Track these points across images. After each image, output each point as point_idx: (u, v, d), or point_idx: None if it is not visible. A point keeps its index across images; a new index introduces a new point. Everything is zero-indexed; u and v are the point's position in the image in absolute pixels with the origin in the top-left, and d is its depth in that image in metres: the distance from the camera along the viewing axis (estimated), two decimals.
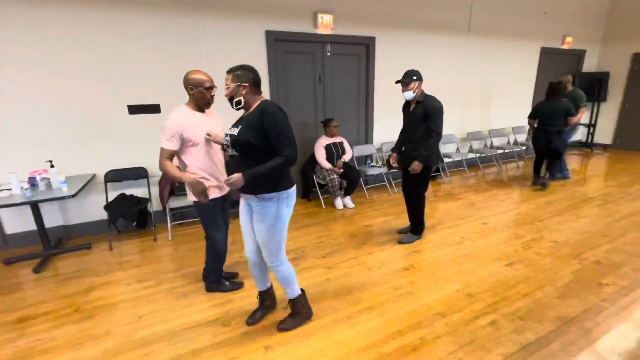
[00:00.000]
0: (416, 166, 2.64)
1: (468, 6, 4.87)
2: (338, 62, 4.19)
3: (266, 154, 1.60)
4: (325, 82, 4.18)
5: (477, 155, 5.39)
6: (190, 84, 1.90)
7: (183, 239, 3.19)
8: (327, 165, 3.76)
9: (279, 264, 1.79)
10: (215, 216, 2.13)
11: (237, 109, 1.72)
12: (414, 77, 2.59)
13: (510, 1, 5.24)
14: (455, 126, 5.35)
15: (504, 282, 2.33)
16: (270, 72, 3.75)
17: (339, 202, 3.89)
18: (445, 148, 5.24)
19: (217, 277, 2.29)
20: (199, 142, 1.94)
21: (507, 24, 5.35)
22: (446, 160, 4.92)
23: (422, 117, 2.60)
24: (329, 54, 4.09)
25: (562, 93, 4.18)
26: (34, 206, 2.75)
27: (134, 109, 3.25)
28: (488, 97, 5.62)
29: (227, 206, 2.25)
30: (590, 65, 6.82)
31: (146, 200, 3.26)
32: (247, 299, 2.22)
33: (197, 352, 1.77)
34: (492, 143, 5.74)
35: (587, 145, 7.01)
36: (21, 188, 2.59)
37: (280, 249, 1.77)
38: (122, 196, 3.19)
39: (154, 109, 3.34)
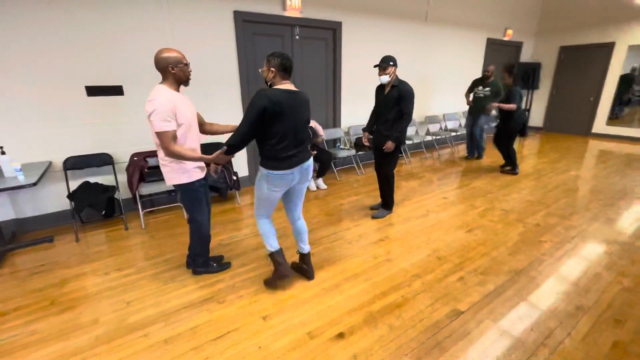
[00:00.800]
0: (390, 145, 2.85)
1: None
2: (306, 46, 4.23)
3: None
4: (294, 66, 4.19)
5: (434, 137, 5.84)
6: (169, 63, 1.80)
7: (157, 226, 3.10)
8: None
9: (258, 217, 2.09)
10: (200, 199, 2.12)
11: None
12: (391, 63, 2.77)
13: None
14: (415, 110, 5.71)
15: (466, 245, 2.67)
16: (240, 54, 3.68)
17: (312, 184, 4.01)
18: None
19: (205, 260, 2.31)
20: (185, 122, 1.89)
21: (459, 14, 5.76)
22: (407, 142, 5.26)
23: (396, 100, 2.80)
24: (297, 37, 4.11)
25: (485, 82, 4.86)
26: None
27: (93, 91, 3.01)
28: (442, 82, 6.06)
29: (207, 188, 2.24)
30: (526, 56, 7.62)
31: (114, 188, 3.09)
32: (236, 277, 2.28)
33: (196, 329, 1.81)
34: (446, 126, 6.24)
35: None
36: None
37: (259, 207, 2.04)
38: (87, 184, 2.98)
39: (116, 90, 3.13)
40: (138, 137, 3.28)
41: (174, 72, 1.84)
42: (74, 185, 3.02)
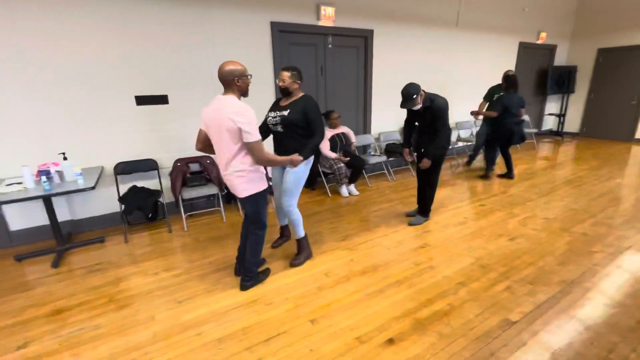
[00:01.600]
0: (426, 163, 2.86)
1: (457, 2, 5.12)
2: (338, 54, 4.30)
3: (305, 130, 2.26)
4: (327, 74, 4.28)
5: (465, 144, 5.73)
6: (235, 75, 1.88)
7: (199, 229, 3.22)
8: (333, 155, 3.89)
9: (294, 207, 2.41)
10: (265, 204, 2.16)
11: (284, 96, 2.36)
12: (414, 96, 2.68)
13: None
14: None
15: (509, 254, 2.59)
16: (275, 64, 3.79)
17: (344, 190, 4.04)
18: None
19: (257, 269, 2.31)
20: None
21: (491, 18, 5.67)
22: None
23: (431, 119, 2.79)
24: (330, 45, 4.19)
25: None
26: (47, 200, 2.67)
27: (141, 100, 3.20)
28: (472, 88, 5.95)
29: None
30: (560, 59, 7.37)
31: (159, 192, 3.24)
32: (278, 280, 2.33)
33: (247, 330, 1.86)
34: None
35: (558, 134, 7.61)
36: (37, 181, 2.51)
37: (296, 195, 2.39)
38: (135, 188, 3.15)
39: (162, 99, 3.30)
40: (181, 144, 3.44)
41: (239, 85, 1.91)
42: (122, 189, 3.20)
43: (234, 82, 1.90)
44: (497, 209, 3.50)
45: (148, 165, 3.25)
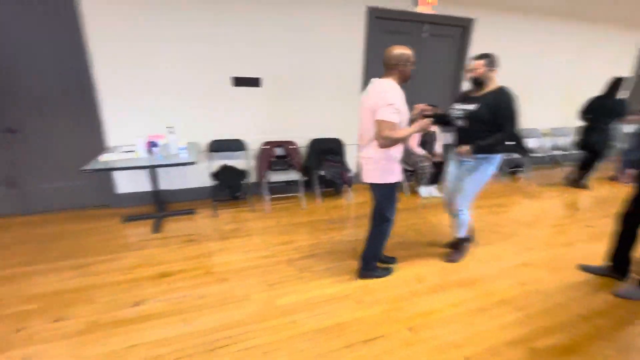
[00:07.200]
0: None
1: None
2: (432, 44, 4.00)
3: (490, 126, 2.03)
4: (418, 65, 4.01)
5: (561, 152, 5.07)
6: (402, 60, 1.81)
7: (279, 212, 3.25)
8: (421, 151, 3.66)
9: (465, 209, 2.31)
10: (395, 199, 2.06)
11: (476, 88, 2.13)
12: None
13: None
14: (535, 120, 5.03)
15: None
16: (368, 52, 3.64)
17: (424, 191, 3.80)
18: (527, 142, 4.96)
19: (375, 263, 2.24)
20: (401, 120, 1.86)
21: (615, 10, 4.85)
22: (532, 155, 4.66)
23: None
24: (425, 34, 3.91)
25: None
26: (152, 169, 2.87)
27: (238, 81, 3.28)
28: (574, 89, 5.20)
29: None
30: None
31: (246, 173, 3.33)
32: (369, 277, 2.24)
33: (343, 326, 1.81)
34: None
35: None
36: (146, 151, 2.71)
37: (472, 197, 2.27)
38: (226, 167, 3.27)
39: (254, 82, 3.35)
40: (269, 126, 3.48)
41: (402, 70, 1.85)
42: (211, 166, 3.34)
43: (398, 67, 1.83)
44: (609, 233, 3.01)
45: (237, 146, 3.35)
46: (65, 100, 2.84)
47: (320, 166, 3.51)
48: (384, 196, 2.03)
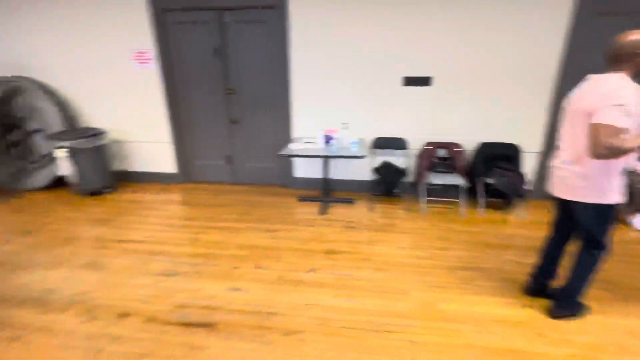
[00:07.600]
0: None
1: None
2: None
3: None
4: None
5: None
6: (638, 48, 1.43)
7: (435, 216, 3.13)
8: None
9: None
10: (610, 222, 1.67)
11: None
12: None
13: None
14: None
15: None
16: (572, 42, 2.98)
17: (638, 221, 2.86)
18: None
19: (577, 300, 1.84)
20: (631, 126, 1.43)
21: None
22: None
23: None
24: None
25: None
26: (326, 159, 3.28)
27: (408, 81, 3.31)
28: None
29: None
30: None
31: (406, 171, 3.37)
32: None
33: (518, 355, 1.59)
34: None
35: None
36: (325, 143, 3.11)
37: None
38: (387, 164, 3.40)
39: (424, 81, 3.30)
40: (433, 126, 3.39)
41: (638, 61, 1.46)
42: (373, 162, 3.52)
43: (632, 58, 1.45)
44: None
45: (399, 144, 3.41)
46: (270, 100, 3.59)
47: (488, 173, 3.16)
48: (596, 219, 1.63)
